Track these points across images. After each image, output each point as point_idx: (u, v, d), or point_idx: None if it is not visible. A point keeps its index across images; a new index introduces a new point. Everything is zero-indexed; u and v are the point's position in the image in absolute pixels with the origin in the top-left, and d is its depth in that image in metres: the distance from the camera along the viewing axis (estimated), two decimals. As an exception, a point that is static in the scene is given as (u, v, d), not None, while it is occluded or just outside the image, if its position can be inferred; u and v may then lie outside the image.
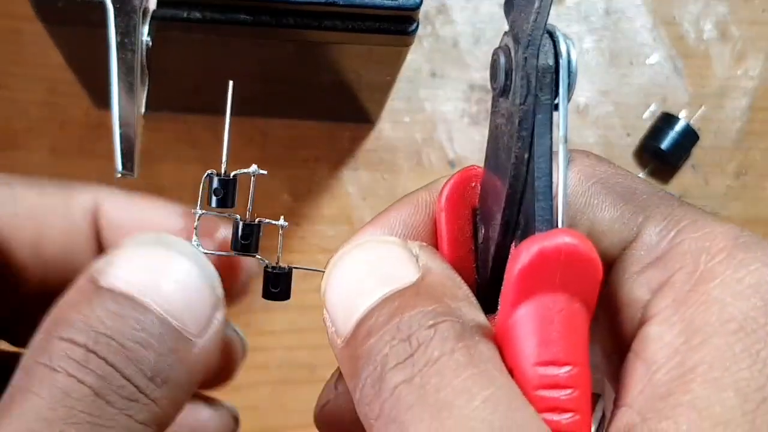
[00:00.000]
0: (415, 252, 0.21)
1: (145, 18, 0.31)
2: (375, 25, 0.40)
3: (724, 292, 0.19)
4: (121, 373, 0.19)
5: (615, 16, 0.60)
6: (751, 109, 0.60)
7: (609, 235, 0.22)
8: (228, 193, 0.24)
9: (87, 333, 0.19)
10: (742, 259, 0.19)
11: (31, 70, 0.54)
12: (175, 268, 0.21)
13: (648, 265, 0.21)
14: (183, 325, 0.21)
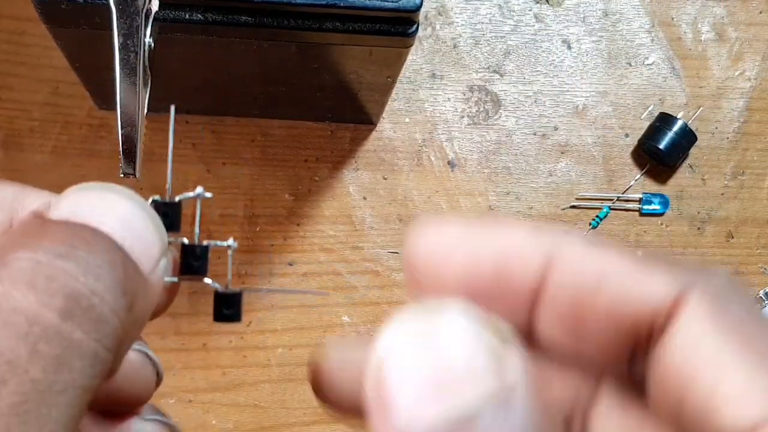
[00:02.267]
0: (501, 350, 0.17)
1: (147, 20, 0.31)
2: (375, 27, 0.40)
3: None
4: (91, 289, 0.17)
5: (613, 17, 0.61)
6: (748, 110, 0.61)
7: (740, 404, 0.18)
8: (174, 217, 0.23)
9: (50, 250, 0.17)
10: None
11: (34, 71, 0.55)
12: (124, 205, 0.20)
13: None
14: (139, 258, 0.19)
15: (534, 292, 0.20)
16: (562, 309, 0.20)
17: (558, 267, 0.20)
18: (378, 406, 0.17)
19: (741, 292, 0.20)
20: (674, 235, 0.59)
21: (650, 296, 0.19)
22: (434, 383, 0.17)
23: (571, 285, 0.20)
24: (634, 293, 0.20)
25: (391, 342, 0.18)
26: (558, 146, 0.59)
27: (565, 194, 0.58)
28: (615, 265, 0.20)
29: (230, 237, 0.24)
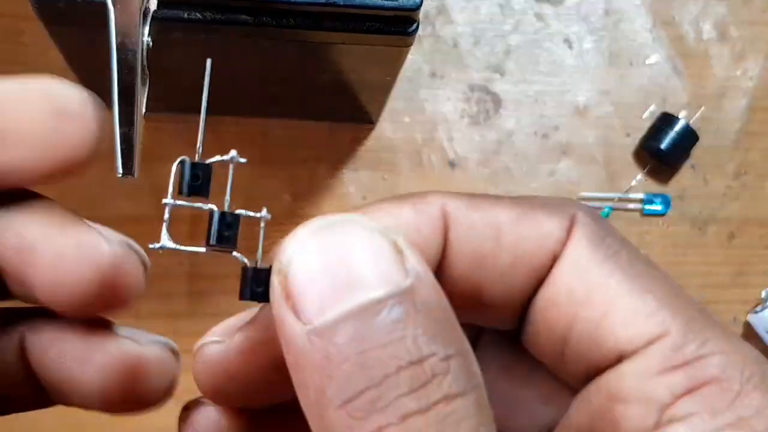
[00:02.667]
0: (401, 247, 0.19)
1: (145, 19, 0.31)
2: (375, 26, 0.40)
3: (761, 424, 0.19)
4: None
5: (615, 16, 0.60)
6: (751, 110, 0.60)
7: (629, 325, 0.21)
8: (204, 182, 0.22)
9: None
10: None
11: (32, 71, 0.54)
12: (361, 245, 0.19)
13: (673, 369, 0.20)
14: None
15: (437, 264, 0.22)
16: (464, 277, 0.22)
17: (453, 233, 0.22)
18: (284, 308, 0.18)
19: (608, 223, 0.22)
20: (676, 236, 0.59)
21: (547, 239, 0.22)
22: (339, 279, 0.18)
23: (471, 246, 0.22)
24: (533, 242, 0.22)
25: (296, 246, 0.19)
26: (559, 146, 0.58)
27: (566, 194, 0.58)
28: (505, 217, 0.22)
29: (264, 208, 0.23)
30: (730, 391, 0.20)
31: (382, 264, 0.18)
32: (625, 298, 0.21)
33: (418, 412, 0.17)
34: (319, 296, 0.18)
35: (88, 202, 0.54)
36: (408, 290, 0.18)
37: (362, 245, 0.19)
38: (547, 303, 0.22)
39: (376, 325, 0.17)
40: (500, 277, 0.22)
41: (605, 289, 0.21)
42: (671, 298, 0.21)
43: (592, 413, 0.22)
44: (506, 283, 0.22)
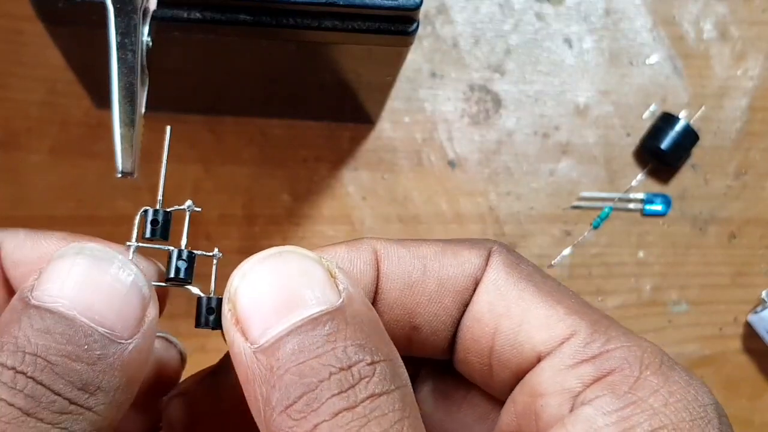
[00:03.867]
0: (334, 272, 0.22)
1: (145, 18, 0.31)
2: (375, 26, 0.40)
3: (657, 401, 0.22)
4: (49, 389, 0.20)
5: (615, 16, 0.60)
6: (751, 109, 0.60)
7: (544, 330, 0.24)
8: (164, 226, 0.25)
9: (15, 355, 0.20)
10: (670, 376, 0.22)
11: (32, 70, 0.54)
12: (98, 275, 0.22)
13: (582, 362, 0.23)
14: (112, 330, 0.21)
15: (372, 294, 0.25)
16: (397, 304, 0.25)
17: (384, 265, 0.25)
18: (234, 331, 0.22)
19: (521, 255, 0.26)
20: (676, 236, 0.58)
21: (466, 267, 0.25)
22: (280, 302, 0.21)
23: (400, 274, 0.25)
24: (455, 269, 0.25)
25: (241, 276, 0.22)
26: (559, 146, 0.58)
27: (567, 194, 0.58)
28: (430, 250, 0.26)
29: (215, 248, 0.26)
30: (631, 377, 0.22)
31: (317, 286, 0.22)
32: (539, 309, 0.25)
33: (347, 409, 0.20)
34: (262, 318, 0.21)
35: (89, 202, 0.54)
36: (340, 307, 0.21)
37: (299, 271, 0.22)
38: (472, 321, 0.26)
39: (312, 340, 0.21)
40: (429, 301, 0.26)
41: (522, 302, 0.25)
42: (578, 306, 0.25)
43: (518, 412, 0.25)
44: (434, 307, 0.26)
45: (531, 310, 0.25)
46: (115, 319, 0.21)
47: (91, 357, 0.21)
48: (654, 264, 0.58)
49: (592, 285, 0.57)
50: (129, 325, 0.22)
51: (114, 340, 0.21)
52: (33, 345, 0.20)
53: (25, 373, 0.20)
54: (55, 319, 0.21)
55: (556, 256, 0.57)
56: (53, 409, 0.20)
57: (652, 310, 0.58)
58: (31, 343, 0.20)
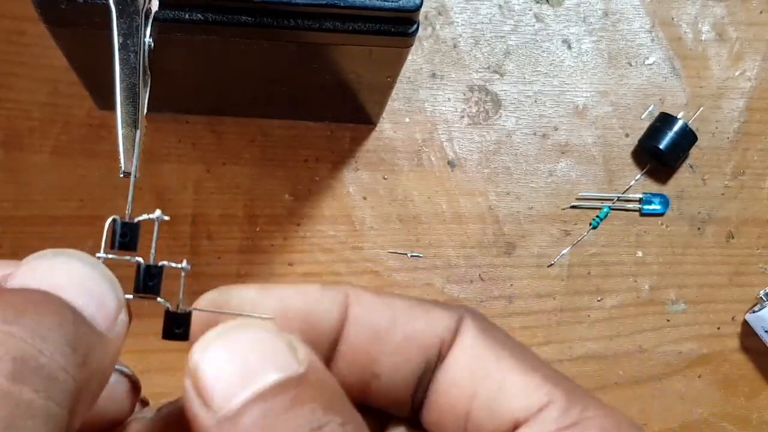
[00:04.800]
0: (295, 345, 0.22)
1: (147, 19, 0.31)
2: (375, 27, 0.40)
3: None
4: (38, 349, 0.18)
5: (613, 17, 0.60)
6: (749, 110, 0.61)
7: (522, 396, 0.24)
8: (132, 237, 0.24)
9: None
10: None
11: (34, 71, 0.55)
12: (77, 268, 0.21)
13: (560, 429, 0.24)
14: (93, 317, 0.21)
15: (335, 336, 0.25)
16: (361, 349, 0.25)
17: (353, 310, 0.25)
18: (197, 404, 0.21)
19: (492, 322, 0.26)
20: (674, 236, 0.59)
21: (436, 325, 0.25)
22: (243, 371, 0.21)
23: (368, 322, 0.25)
24: (424, 325, 0.25)
25: (202, 350, 0.22)
26: (558, 146, 0.59)
27: (566, 194, 0.58)
28: (402, 303, 0.26)
29: (183, 260, 0.25)
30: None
31: (278, 356, 0.22)
32: (517, 375, 0.25)
33: None
34: (225, 387, 0.21)
35: (91, 202, 0.54)
36: (303, 375, 0.21)
37: (259, 342, 0.22)
38: (449, 383, 0.25)
39: (279, 404, 0.20)
40: (393, 351, 0.26)
41: (500, 368, 0.25)
42: (554, 375, 0.25)
43: None
44: (398, 358, 0.26)
45: (509, 376, 0.25)
46: (95, 309, 0.21)
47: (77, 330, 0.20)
48: (652, 263, 0.58)
49: (591, 284, 0.58)
50: (107, 319, 0.21)
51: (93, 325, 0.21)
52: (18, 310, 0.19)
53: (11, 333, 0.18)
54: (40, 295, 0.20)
55: (555, 256, 0.58)
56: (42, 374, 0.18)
57: (650, 310, 0.58)
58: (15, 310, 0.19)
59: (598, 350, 0.57)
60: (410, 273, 0.56)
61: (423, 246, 0.57)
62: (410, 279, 0.56)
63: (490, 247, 0.57)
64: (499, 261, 0.57)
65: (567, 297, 0.57)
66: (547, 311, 0.57)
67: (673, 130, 0.57)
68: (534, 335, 0.57)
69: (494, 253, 0.57)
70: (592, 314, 0.58)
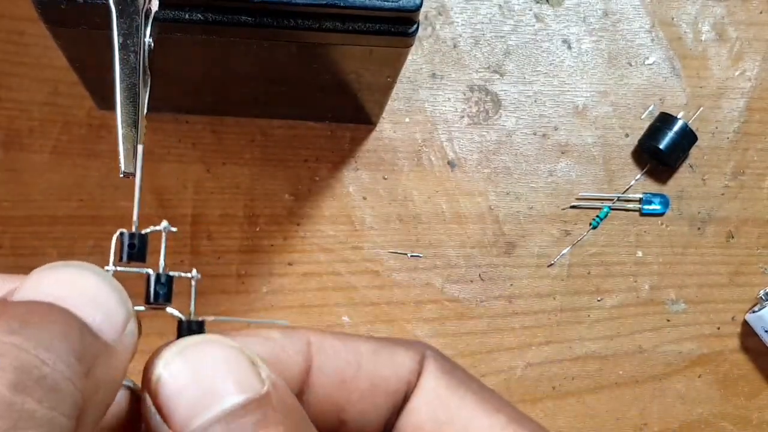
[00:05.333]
0: (256, 362, 0.22)
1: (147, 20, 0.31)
2: (375, 27, 0.40)
3: None
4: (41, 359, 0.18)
5: (613, 17, 0.61)
6: (749, 110, 0.61)
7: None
8: (140, 248, 0.24)
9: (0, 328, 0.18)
10: None
11: (34, 71, 0.55)
12: (84, 279, 0.21)
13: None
14: (100, 328, 0.20)
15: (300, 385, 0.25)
16: (327, 397, 0.25)
17: (318, 357, 0.25)
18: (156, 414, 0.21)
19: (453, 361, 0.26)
20: (674, 236, 0.59)
21: (401, 369, 0.25)
22: (203, 390, 0.21)
23: (334, 369, 0.25)
24: (389, 371, 0.25)
25: (162, 365, 0.21)
26: (558, 146, 0.59)
27: (566, 194, 0.58)
28: (366, 347, 0.25)
29: (193, 269, 0.26)
30: None
31: (241, 375, 0.21)
32: (481, 418, 0.25)
33: None
34: (187, 408, 0.21)
35: (91, 202, 0.54)
36: (265, 395, 0.21)
37: (222, 360, 0.21)
38: (414, 427, 0.25)
39: (241, 428, 0.20)
40: (359, 399, 0.25)
41: (463, 411, 0.25)
42: (517, 415, 0.25)
43: None
44: (366, 406, 0.25)
45: (473, 419, 0.25)
46: (103, 320, 0.20)
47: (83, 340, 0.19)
48: (652, 263, 0.58)
49: (591, 284, 0.58)
50: (115, 329, 0.21)
51: (100, 335, 0.20)
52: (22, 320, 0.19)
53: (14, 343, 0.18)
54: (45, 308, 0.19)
55: (555, 256, 0.58)
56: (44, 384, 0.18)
57: (650, 310, 0.58)
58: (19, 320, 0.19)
59: (598, 350, 0.57)
60: (410, 273, 0.56)
61: (423, 246, 0.57)
62: (410, 279, 0.56)
63: (490, 247, 0.57)
64: (499, 261, 0.57)
65: (567, 297, 0.57)
66: (547, 311, 0.57)
67: (673, 130, 0.57)
68: (534, 335, 0.57)
69: (494, 253, 0.57)
70: (592, 314, 0.58)
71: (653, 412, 0.57)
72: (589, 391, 0.57)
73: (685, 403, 0.58)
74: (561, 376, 0.57)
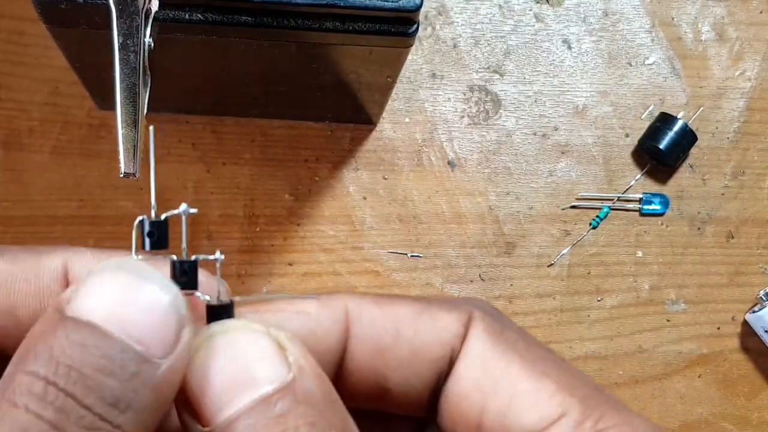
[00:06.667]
0: (284, 344, 0.22)
1: (147, 20, 0.31)
2: (375, 27, 0.40)
3: None
4: (80, 403, 0.19)
5: (613, 17, 0.61)
6: (749, 110, 0.61)
7: (533, 409, 0.23)
8: (161, 235, 0.24)
9: (48, 365, 0.20)
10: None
11: (34, 71, 0.55)
12: (137, 292, 0.21)
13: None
14: (147, 348, 0.21)
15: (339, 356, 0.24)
16: (367, 366, 0.24)
17: (355, 326, 0.24)
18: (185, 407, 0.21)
19: (505, 316, 0.25)
20: (674, 236, 0.59)
21: (443, 334, 0.24)
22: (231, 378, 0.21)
23: (370, 338, 0.24)
24: (430, 337, 0.24)
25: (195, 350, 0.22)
26: (558, 146, 0.59)
27: (566, 194, 0.58)
28: (406, 313, 0.25)
29: (217, 251, 0.25)
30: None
31: (266, 362, 0.21)
32: (527, 384, 0.24)
33: None
34: (213, 399, 0.21)
35: (91, 202, 0.54)
36: (290, 384, 0.21)
37: (247, 346, 0.22)
38: (458, 397, 0.25)
39: (264, 422, 0.20)
40: (400, 367, 0.25)
41: (508, 378, 0.24)
42: (568, 378, 0.24)
43: None
44: (407, 374, 0.25)
45: (518, 385, 0.24)
46: (152, 338, 0.21)
47: (124, 374, 0.20)
48: (652, 263, 0.58)
49: (591, 284, 0.58)
50: (165, 345, 0.21)
51: (148, 359, 0.21)
52: (68, 356, 0.20)
53: (57, 385, 0.19)
54: (92, 333, 0.20)
55: (555, 256, 0.58)
56: (82, 424, 0.19)
57: (650, 310, 0.58)
58: (65, 354, 0.20)
59: (598, 350, 0.57)
60: (410, 273, 0.56)
61: (423, 246, 0.57)
62: (410, 279, 0.56)
63: (490, 247, 0.57)
64: (499, 261, 0.57)
65: (567, 297, 0.57)
66: (547, 311, 0.57)
67: (673, 130, 0.57)
68: (534, 335, 0.57)
69: (494, 253, 0.57)
70: (592, 314, 0.58)
71: (653, 412, 0.57)
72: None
73: (685, 403, 0.58)
74: (561, 376, 0.57)
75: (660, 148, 0.57)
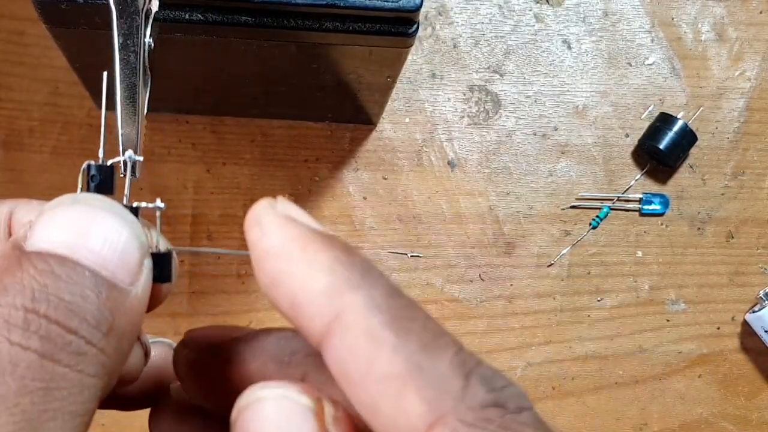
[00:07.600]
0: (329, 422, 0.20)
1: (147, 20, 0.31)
2: (375, 27, 0.40)
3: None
4: (65, 327, 0.19)
5: (613, 17, 0.61)
6: (749, 110, 0.61)
7: None
8: (106, 179, 0.24)
9: (23, 294, 0.19)
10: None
11: (34, 72, 0.55)
12: (96, 222, 0.21)
13: None
14: (114, 276, 0.20)
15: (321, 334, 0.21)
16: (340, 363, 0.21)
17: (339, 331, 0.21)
18: None
19: None
20: (674, 236, 0.59)
21: None
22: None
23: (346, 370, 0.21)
24: None
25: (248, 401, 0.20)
26: (558, 146, 0.59)
27: (565, 194, 0.58)
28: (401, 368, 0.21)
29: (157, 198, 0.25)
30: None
31: None
32: None
33: None
34: None
35: (90, 202, 0.54)
36: None
37: None
38: None
39: None
40: None
41: None
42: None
43: None
44: None
45: None
46: (117, 266, 0.20)
47: (100, 298, 0.19)
48: (652, 263, 0.58)
49: (591, 284, 0.58)
50: (130, 273, 0.21)
51: (117, 284, 0.20)
52: (41, 284, 0.19)
53: (37, 312, 0.18)
54: (59, 262, 0.19)
55: (555, 256, 0.58)
56: (70, 350, 0.18)
57: (650, 310, 0.58)
58: (38, 282, 0.19)
59: (598, 350, 0.57)
60: (410, 273, 0.56)
61: (423, 246, 0.57)
62: (410, 279, 0.56)
63: (490, 247, 0.57)
64: (499, 261, 0.57)
65: (567, 297, 0.57)
66: (547, 311, 0.57)
67: (673, 130, 0.57)
68: (534, 335, 0.57)
69: (494, 253, 0.57)
70: (592, 314, 0.58)
71: (653, 412, 0.57)
72: (589, 391, 0.57)
73: (685, 403, 0.58)
74: (561, 376, 0.57)
75: (660, 148, 0.57)
